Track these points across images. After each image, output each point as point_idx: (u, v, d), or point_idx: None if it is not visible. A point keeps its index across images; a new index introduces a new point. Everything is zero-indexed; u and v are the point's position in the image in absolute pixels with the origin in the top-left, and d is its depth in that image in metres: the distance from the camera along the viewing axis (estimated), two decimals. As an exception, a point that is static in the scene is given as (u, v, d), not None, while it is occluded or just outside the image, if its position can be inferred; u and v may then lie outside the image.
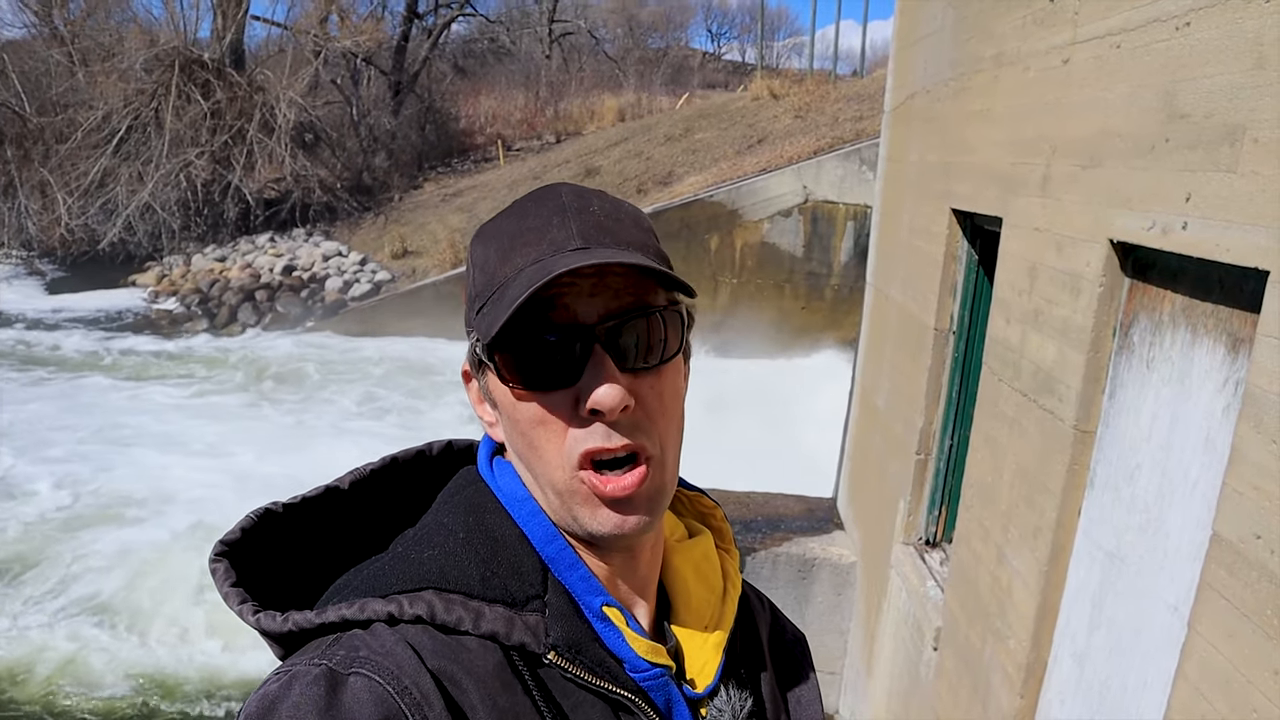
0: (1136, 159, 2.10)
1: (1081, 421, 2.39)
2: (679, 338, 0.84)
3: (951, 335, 3.90)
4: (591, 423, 0.79)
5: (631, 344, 0.80)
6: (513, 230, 0.83)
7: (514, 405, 0.81)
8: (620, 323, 0.79)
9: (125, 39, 23.62)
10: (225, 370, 15.67)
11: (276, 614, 0.78)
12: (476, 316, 0.82)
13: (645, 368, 0.81)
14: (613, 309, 0.79)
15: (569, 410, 0.79)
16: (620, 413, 0.78)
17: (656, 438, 0.82)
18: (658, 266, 0.79)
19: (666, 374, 0.83)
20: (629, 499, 0.80)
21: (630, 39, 39.07)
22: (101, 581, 8.31)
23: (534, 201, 0.85)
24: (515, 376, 0.80)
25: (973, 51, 3.51)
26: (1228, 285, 1.85)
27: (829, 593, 5.32)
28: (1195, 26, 1.89)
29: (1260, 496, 1.56)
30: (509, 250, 0.81)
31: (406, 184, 24.19)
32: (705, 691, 0.88)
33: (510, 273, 0.80)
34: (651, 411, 0.82)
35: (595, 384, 0.77)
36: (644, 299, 0.81)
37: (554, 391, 0.79)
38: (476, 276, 0.84)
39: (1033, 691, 2.61)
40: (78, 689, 6.96)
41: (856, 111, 18.25)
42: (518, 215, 0.84)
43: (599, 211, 0.83)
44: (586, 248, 0.79)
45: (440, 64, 29.88)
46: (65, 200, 21.35)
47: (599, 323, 0.79)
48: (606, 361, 0.78)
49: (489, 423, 0.89)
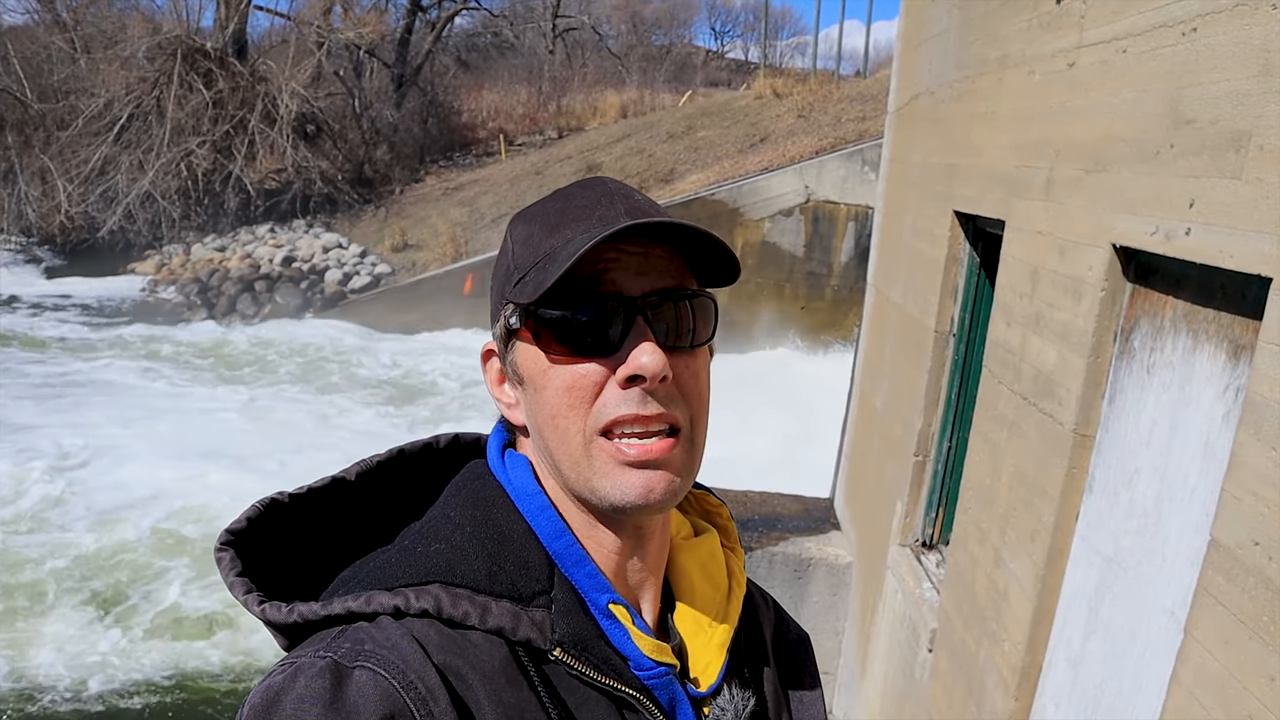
0: (1141, 164, 2.10)
1: (1081, 426, 2.39)
2: (710, 325, 0.86)
3: (952, 337, 3.90)
4: (628, 390, 0.80)
5: (671, 322, 0.82)
6: (559, 209, 0.85)
7: (545, 372, 0.82)
8: (662, 299, 0.82)
9: (128, 26, 23.60)
10: (221, 359, 15.66)
11: (282, 605, 0.78)
12: (515, 287, 0.83)
13: (682, 347, 0.83)
14: (656, 286, 0.82)
15: (601, 380, 0.80)
16: (659, 382, 0.79)
17: (688, 414, 0.83)
18: (716, 236, 0.81)
19: (700, 357, 0.86)
20: (656, 462, 0.81)
21: (634, 35, 39.05)
22: (99, 576, 8.27)
23: (579, 187, 0.87)
24: (555, 342, 0.81)
25: (978, 54, 3.51)
26: (1230, 292, 1.85)
27: (824, 593, 5.33)
28: (1202, 32, 1.89)
29: (1259, 503, 1.56)
30: (556, 225, 0.83)
31: (408, 177, 24.17)
32: (709, 690, 0.88)
33: (558, 243, 0.81)
34: (686, 389, 0.83)
35: (638, 352, 0.79)
36: (685, 282, 0.84)
37: (589, 360, 0.80)
38: (517, 251, 0.85)
39: (1027, 694, 2.62)
40: (78, 687, 6.93)
41: (859, 112, 18.25)
42: (563, 197, 0.86)
43: (642, 200, 0.86)
44: (649, 220, 0.80)
45: (443, 57, 29.84)
46: (65, 187, 21.33)
47: (643, 296, 0.81)
48: (648, 332, 0.80)
49: (508, 404, 0.89)
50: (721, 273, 0.86)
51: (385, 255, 19.92)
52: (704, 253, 0.84)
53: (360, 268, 19.49)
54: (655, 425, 0.80)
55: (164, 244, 21.61)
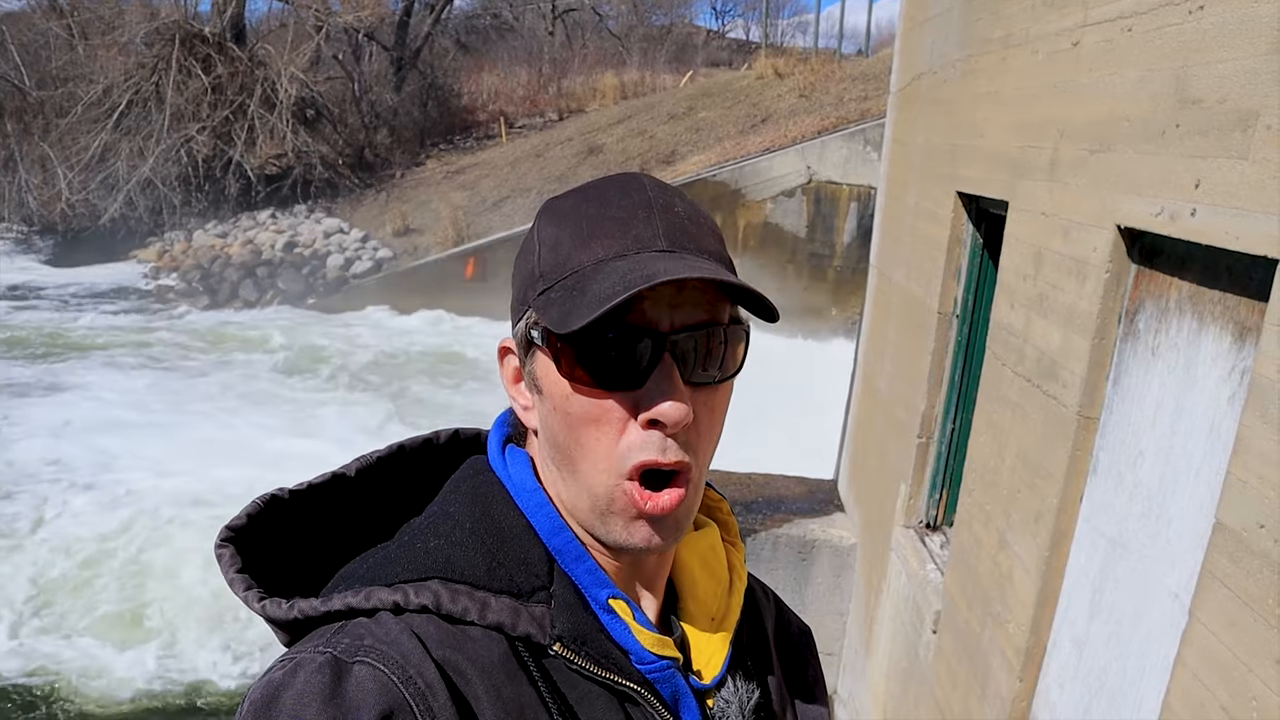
0: (1146, 144, 2.08)
1: (1085, 407, 2.38)
2: (740, 357, 0.83)
3: (955, 319, 3.89)
4: (649, 432, 0.78)
5: (699, 357, 0.79)
6: (594, 215, 0.80)
7: (567, 398, 0.79)
8: (692, 334, 0.78)
9: (125, 12, 23.48)
10: (227, 346, 15.67)
11: (282, 601, 0.78)
12: (539, 297, 0.80)
13: (706, 382, 0.80)
14: (688, 321, 0.78)
15: (625, 415, 0.78)
16: (679, 428, 0.77)
17: (702, 458, 0.82)
18: (756, 290, 0.78)
19: (722, 391, 0.83)
20: (663, 519, 0.80)
21: (634, 16, 38.73)
22: (97, 573, 8.26)
23: (617, 189, 0.82)
24: (579, 371, 0.78)
25: (981, 33, 3.48)
26: (1236, 273, 1.84)
27: (828, 574, 5.34)
28: (1209, 10, 1.86)
29: (1264, 486, 1.55)
30: (588, 236, 0.78)
31: (408, 161, 24.10)
32: (712, 683, 0.88)
33: (588, 260, 0.77)
34: (703, 429, 0.81)
35: (660, 395, 0.76)
36: (718, 315, 0.80)
37: (614, 393, 0.78)
38: (544, 255, 0.81)
39: (1031, 675, 2.62)
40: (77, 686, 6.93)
41: (861, 91, 18.15)
42: (598, 201, 0.81)
43: (683, 213, 0.81)
44: (673, 251, 0.77)
45: (443, 40, 29.66)
46: (65, 175, 21.30)
47: (672, 332, 0.77)
48: (674, 372, 0.77)
49: (524, 405, 0.86)
50: (761, 307, 0.81)
51: (387, 240, 19.90)
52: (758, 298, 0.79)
53: (362, 252, 19.47)
54: (673, 469, 0.79)
55: (165, 231, 21.60)
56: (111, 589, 8.01)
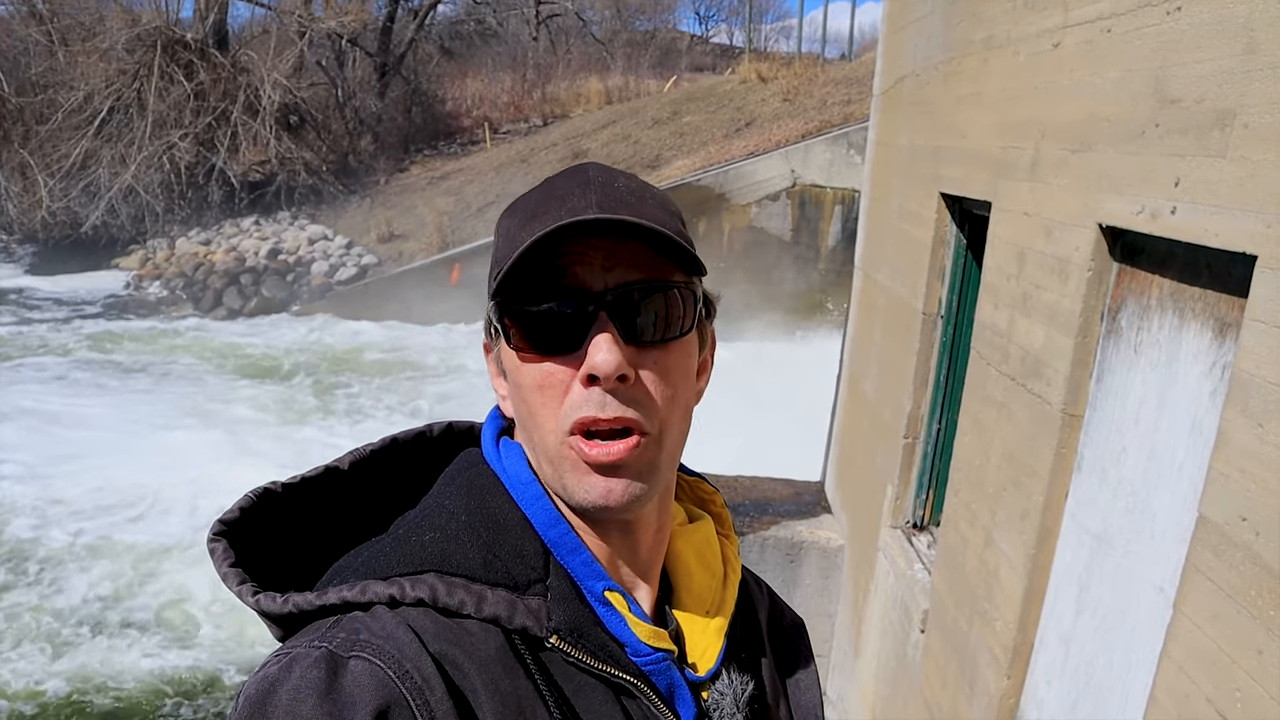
0: (1126, 143, 2.10)
1: (1069, 405, 2.40)
2: (690, 316, 0.83)
3: (940, 319, 3.91)
4: (589, 390, 0.78)
5: (639, 316, 0.80)
6: (537, 198, 0.83)
7: (518, 369, 0.82)
8: (627, 292, 0.79)
9: (106, 18, 23.32)
10: (210, 354, 15.57)
11: (276, 595, 0.78)
12: (494, 282, 0.82)
13: (651, 342, 0.80)
14: (623, 281, 0.79)
15: (570, 378, 0.79)
16: (618, 382, 0.78)
17: (656, 417, 0.81)
18: (658, 228, 0.77)
19: (674, 351, 0.83)
20: (615, 465, 0.79)
21: (618, 21, 38.80)
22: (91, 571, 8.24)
23: (564, 175, 0.85)
24: (521, 340, 0.80)
25: (963, 35, 3.51)
26: (1216, 270, 1.86)
27: (816, 576, 5.35)
28: (1186, 11, 1.89)
29: (1246, 479, 1.57)
30: (529, 219, 0.80)
31: (393, 167, 24.04)
32: (707, 675, 0.88)
33: (526, 237, 0.79)
34: (653, 388, 0.81)
35: (596, 353, 0.77)
36: (657, 274, 0.81)
37: (558, 357, 0.79)
38: (499, 244, 0.84)
39: (1019, 672, 2.64)
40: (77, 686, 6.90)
41: (845, 95, 18.25)
42: (544, 187, 0.84)
43: (623, 188, 0.82)
44: (604, 216, 0.78)
45: (426, 46, 29.62)
46: (46, 182, 21.13)
47: (606, 291, 0.79)
48: (609, 328, 0.78)
49: (502, 396, 0.89)
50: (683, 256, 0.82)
51: (371, 246, 19.83)
52: (677, 245, 0.80)
53: (346, 259, 19.40)
54: (613, 428, 0.79)
55: (148, 238, 21.46)
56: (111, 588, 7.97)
